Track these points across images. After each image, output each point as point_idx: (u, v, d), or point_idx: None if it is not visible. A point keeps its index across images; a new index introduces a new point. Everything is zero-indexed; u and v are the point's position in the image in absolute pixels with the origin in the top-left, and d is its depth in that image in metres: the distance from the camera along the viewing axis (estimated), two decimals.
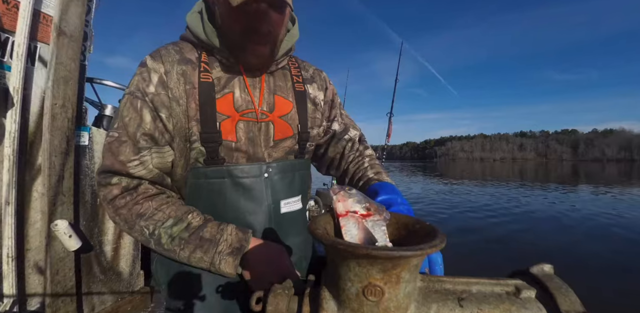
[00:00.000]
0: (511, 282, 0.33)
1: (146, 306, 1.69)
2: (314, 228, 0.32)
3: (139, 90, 0.58)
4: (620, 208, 7.19)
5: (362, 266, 0.28)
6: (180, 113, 0.58)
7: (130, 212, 0.56)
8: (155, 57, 0.60)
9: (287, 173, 0.68)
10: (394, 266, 0.28)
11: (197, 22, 0.61)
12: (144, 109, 0.58)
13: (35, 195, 1.26)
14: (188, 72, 0.60)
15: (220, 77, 0.62)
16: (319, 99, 0.74)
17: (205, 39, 0.60)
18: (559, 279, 0.32)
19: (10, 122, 1.16)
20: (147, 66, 0.59)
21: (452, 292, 0.32)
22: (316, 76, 0.76)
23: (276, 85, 0.67)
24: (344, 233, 0.35)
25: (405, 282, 0.29)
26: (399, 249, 0.26)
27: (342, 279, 0.30)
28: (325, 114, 0.77)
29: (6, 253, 1.13)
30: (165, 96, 0.58)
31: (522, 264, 0.34)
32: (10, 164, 1.15)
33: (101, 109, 1.82)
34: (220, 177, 0.61)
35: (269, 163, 0.65)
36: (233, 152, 0.62)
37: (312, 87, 0.73)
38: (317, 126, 0.73)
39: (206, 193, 0.62)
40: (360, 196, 0.39)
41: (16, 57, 1.18)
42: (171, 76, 0.59)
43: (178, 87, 0.59)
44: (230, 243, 0.55)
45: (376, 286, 0.28)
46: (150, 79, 0.58)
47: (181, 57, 0.61)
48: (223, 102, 0.61)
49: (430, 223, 0.36)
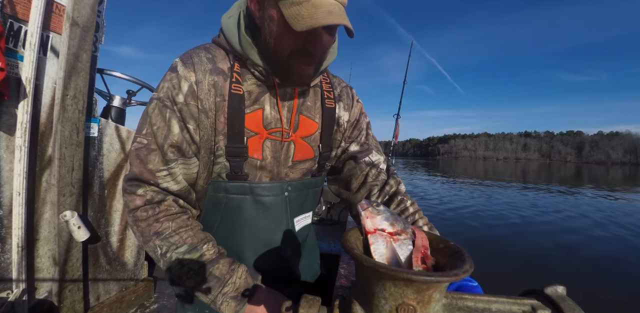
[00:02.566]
0: (527, 301, 0.36)
1: (149, 296, 1.73)
2: (350, 247, 0.34)
3: (168, 98, 0.57)
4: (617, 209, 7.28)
5: (398, 287, 0.31)
6: (208, 125, 0.57)
7: (149, 227, 0.55)
8: (187, 64, 0.57)
9: (302, 191, 0.68)
10: (428, 288, 0.30)
11: (233, 30, 0.58)
12: (173, 119, 0.56)
13: (45, 186, 1.28)
14: (220, 83, 0.58)
15: (252, 91, 0.60)
16: (343, 120, 0.71)
17: (239, 49, 0.58)
18: (572, 301, 0.35)
19: (22, 113, 1.16)
20: (177, 72, 0.57)
21: (473, 309, 0.35)
22: (344, 95, 0.72)
23: (305, 105, 0.65)
24: (373, 251, 0.37)
25: (435, 301, 0.32)
26: (437, 275, 0.28)
27: (376, 297, 0.32)
28: (347, 134, 0.73)
29: (16, 242, 1.15)
30: (195, 107, 0.57)
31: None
32: (21, 155, 1.16)
33: (109, 100, 1.81)
34: (242, 193, 0.61)
35: (289, 182, 0.64)
36: (257, 170, 0.61)
37: (338, 107, 0.71)
38: (335, 147, 0.72)
39: (225, 208, 0.61)
40: (388, 213, 0.41)
41: (29, 46, 1.17)
42: (202, 87, 0.57)
43: (208, 99, 0.57)
44: (237, 287, 0.54)
45: (409, 305, 0.31)
46: (180, 88, 0.56)
47: (214, 66, 0.58)
48: (252, 117, 0.59)
49: (455, 243, 0.38)
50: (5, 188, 1.15)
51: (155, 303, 1.71)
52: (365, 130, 0.74)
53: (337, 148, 0.72)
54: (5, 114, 1.13)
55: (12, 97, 1.14)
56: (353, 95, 0.75)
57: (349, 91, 0.74)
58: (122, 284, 1.62)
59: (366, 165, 0.70)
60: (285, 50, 0.54)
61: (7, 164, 1.15)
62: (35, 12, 1.17)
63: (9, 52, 1.13)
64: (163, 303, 1.72)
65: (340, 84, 0.74)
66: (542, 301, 0.36)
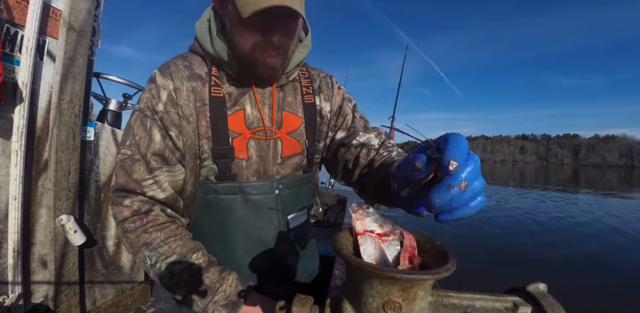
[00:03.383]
0: (510, 298, 0.37)
1: (146, 300, 1.73)
2: (340, 248, 0.35)
3: (148, 108, 0.57)
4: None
5: (384, 285, 0.32)
6: (190, 131, 0.58)
7: (138, 239, 0.55)
8: (164, 74, 0.58)
9: (295, 188, 0.68)
10: (412, 286, 0.32)
11: (205, 34, 0.59)
12: (154, 128, 0.57)
13: (41, 190, 1.28)
14: (198, 88, 0.58)
15: (231, 92, 0.61)
16: (325, 111, 0.71)
17: (213, 53, 0.58)
18: (552, 298, 0.36)
19: (18, 117, 1.17)
20: (156, 82, 0.58)
21: (458, 306, 0.36)
22: (323, 85, 0.71)
23: (285, 101, 0.66)
24: (362, 251, 0.39)
25: (420, 299, 0.33)
26: (419, 273, 0.30)
27: (364, 295, 0.34)
28: (332, 123, 0.71)
29: (12, 247, 1.15)
30: (175, 114, 0.57)
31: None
32: (17, 159, 1.16)
33: (106, 104, 1.82)
34: (232, 193, 0.61)
35: (280, 180, 0.65)
36: (244, 170, 0.61)
37: (319, 99, 0.70)
38: (322, 139, 0.71)
39: (215, 209, 0.61)
40: (377, 215, 0.43)
41: (25, 51, 1.18)
42: (181, 93, 0.57)
43: (188, 105, 0.57)
44: (228, 295, 0.54)
45: (395, 302, 0.32)
46: (159, 97, 0.57)
47: (191, 73, 0.59)
48: (234, 119, 0.60)
49: (440, 243, 0.40)
50: (2, 193, 1.15)
51: (152, 307, 1.71)
52: (350, 114, 0.72)
53: (324, 139, 0.72)
54: (1, 118, 1.14)
55: (9, 102, 1.14)
56: (333, 84, 0.73)
57: (328, 81, 0.73)
58: (119, 288, 1.62)
59: (355, 148, 0.68)
60: (246, 43, 0.54)
61: (3, 169, 1.15)
62: (32, 17, 1.18)
63: (6, 56, 1.13)
64: (160, 307, 1.71)
65: (319, 75, 0.73)
66: (524, 298, 0.37)
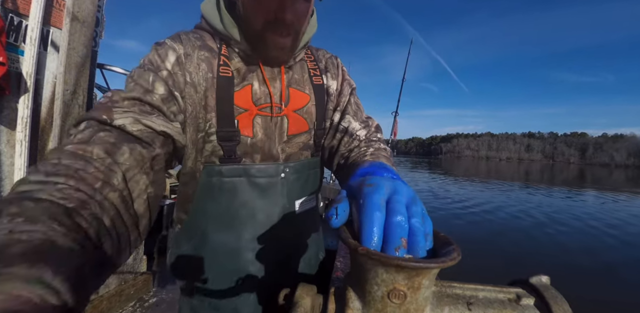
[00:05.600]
0: (513, 290, 0.38)
1: (148, 290, 1.75)
2: (346, 237, 0.36)
3: (152, 63, 0.51)
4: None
5: (390, 273, 0.32)
6: (196, 101, 0.54)
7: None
8: (174, 39, 0.55)
9: (302, 173, 0.66)
10: (418, 274, 0.32)
11: (213, 11, 0.57)
12: (157, 82, 0.49)
13: None
14: (210, 59, 0.56)
15: (240, 69, 0.59)
16: (332, 89, 0.70)
17: (222, 30, 0.56)
18: (554, 290, 0.37)
19: (22, 107, 1.17)
20: (165, 44, 0.54)
21: (461, 296, 0.36)
22: (329, 65, 0.71)
23: (293, 78, 0.64)
24: None
25: (424, 288, 0.34)
26: (425, 261, 0.30)
27: (369, 283, 0.34)
28: (335, 103, 0.70)
29: None
30: (182, 77, 0.52)
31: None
32: (22, 149, 1.17)
33: None
34: (237, 176, 0.59)
35: (287, 163, 0.63)
36: (248, 147, 0.59)
37: (325, 78, 0.69)
38: (328, 118, 0.69)
39: (219, 192, 0.59)
40: None
41: (29, 41, 1.18)
42: (191, 59, 0.54)
43: (197, 73, 0.54)
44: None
45: (400, 290, 0.32)
46: (166, 57, 0.52)
47: (203, 43, 0.57)
48: (241, 94, 0.58)
49: (444, 234, 0.40)
50: (6, 182, 1.16)
51: (154, 297, 1.73)
52: (347, 96, 0.71)
53: (329, 118, 0.70)
54: (6, 108, 1.14)
55: (13, 92, 1.15)
56: (338, 64, 0.73)
57: (334, 61, 0.73)
58: (122, 278, 1.64)
59: (339, 133, 0.67)
60: (258, 21, 0.53)
61: (8, 158, 1.16)
62: (36, 7, 1.18)
63: (10, 46, 1.13)
64: (162, 297, 1.74)
65: (324, 55, 0.73)
66: (527, 290, 0.38)
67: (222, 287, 0.61)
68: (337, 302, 0.38)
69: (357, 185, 0.34)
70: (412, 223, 0.31)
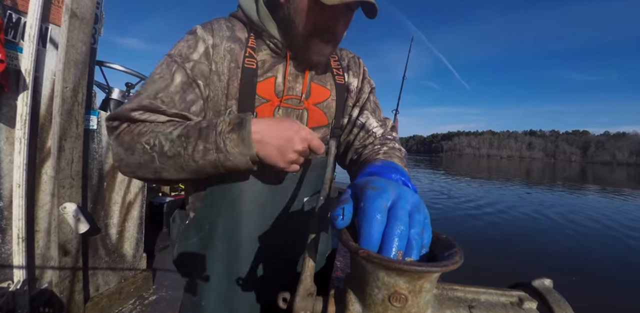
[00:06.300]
0: (515, 293, 0.37)
1: (148, 287, 1.76)
2: (346, 239, 0.35)
3: (180, 55, 0.56)
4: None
5: (391, 276, 0.32)
6: (219, 88, 0.57)
7: (132, 133, 0.51)
8: (206, 28, 0.59)
9: (316, 171, 0.66)
10: (419, 278, 0.31)
11: (250, 3, 0.60)
12: (177, 73, 0.55)
13: (45, 178, 1.28)
14: (236, 51, 0.59)
15: (266, 60, 0.61)
16: (353, 86, 0.72)
17: (257, 21, 0.59)
18: (557, 293, 0.36)
19: (21, 105, 1.16)
20: (196, 34, 0.58)
21: (463, 299, 0.36)
22: (352, 63, 0.74)
23: (316, 73, 0.66)
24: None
25: (426, 291, 0.33)
26: (427, 265, 0.30)
27: (369, 286, 0.34)
28: (354, 100, 0.72)
29: (16, 234, 1.16)
30: (207, 67, 0.57)
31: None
32: (21, 147, 1.16)
33: (108, 93, 1.81)
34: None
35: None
36: None
37: (347, 76, 0.72)
38: (347, 114, 0.71)
39: (231, 181, 0.58)
40: None
41: (28, 38, 1.17)
42: (218, 50, 0.58)
43: (222, 63, 0.57)
44: (229, 121, 0.49)
45: (401, 294, 0.32)
46: (196, 47, 0.57)
47: (232, 34, 0.60)
48: (264, 85, 0.59)
49: (447, 237, 0.40)
50: (6, 180, 1.16)
51: (154, 295, 1.73)
52: (367, 93, 0.73)
53: (347, 114, 0.72)
54: (5, 106, 1.13)
55: (12, 89, 1.14)
56: (360, 64, 0.76)
57: (356, 60, 0.75)
58: (122, 275, 1.64)
59: (355, 127, 0.69)
60: (308, 26, 0.54)
61: (7, 156, 1.16)
62: (35, 4, 1.17)
63: (9, 43, 1.12)
64: (162, 294, 1.74)
65: (348, 55, 0.75)
66: (529, 293, 0.37)
67: (226, 283, 0.60)
68: (337, 304, 0.38)
69: (362, 186, 0.34)
70: (411, 236, 0.31)
